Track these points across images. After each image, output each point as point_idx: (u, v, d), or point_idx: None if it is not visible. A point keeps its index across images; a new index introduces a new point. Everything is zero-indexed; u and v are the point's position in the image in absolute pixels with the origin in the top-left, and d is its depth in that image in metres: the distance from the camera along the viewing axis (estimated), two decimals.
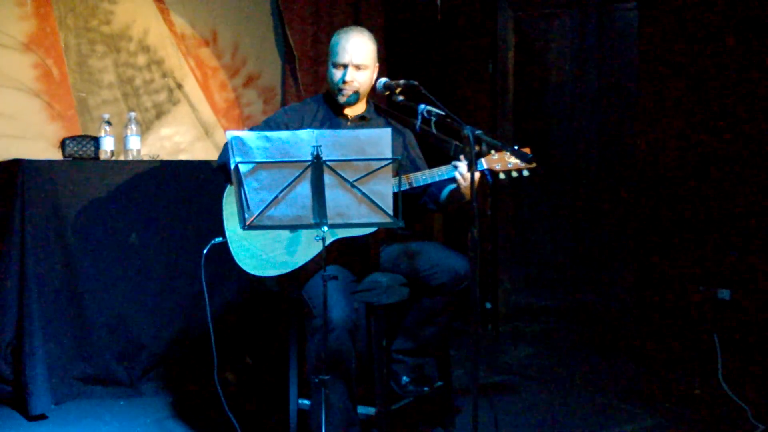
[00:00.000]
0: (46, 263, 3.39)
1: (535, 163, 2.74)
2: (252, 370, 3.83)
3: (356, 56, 2.92)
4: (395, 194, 2.36)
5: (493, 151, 2.80)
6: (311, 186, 2.34)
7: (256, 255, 2.84)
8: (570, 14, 4.86)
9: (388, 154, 2.31)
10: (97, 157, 3.66)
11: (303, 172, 2.32)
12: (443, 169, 2.83)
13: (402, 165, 2.96)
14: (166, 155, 4.11)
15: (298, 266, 2.80)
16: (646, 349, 4.29)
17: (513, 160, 2.80)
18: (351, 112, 3.05)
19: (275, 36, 4.62)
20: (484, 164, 2.81)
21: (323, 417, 2.53)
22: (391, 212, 2.36)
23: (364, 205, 2.36)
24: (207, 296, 2.97)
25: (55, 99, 3.82)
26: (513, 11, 4.94)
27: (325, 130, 2.31)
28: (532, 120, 4.96)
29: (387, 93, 2.92)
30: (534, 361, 4.31)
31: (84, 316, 3.49)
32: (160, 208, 3.68)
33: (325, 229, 2.36)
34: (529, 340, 4.73)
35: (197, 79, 4.32)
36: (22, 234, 3.32)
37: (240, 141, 2.30)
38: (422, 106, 2.81)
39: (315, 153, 2.29)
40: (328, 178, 2.32)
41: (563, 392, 3.74)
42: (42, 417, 3.29)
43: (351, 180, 2.32)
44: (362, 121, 3.05)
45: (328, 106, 3.05)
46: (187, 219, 3.73)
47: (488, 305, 4.95)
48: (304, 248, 2.81)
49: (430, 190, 2.98)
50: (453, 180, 2.80)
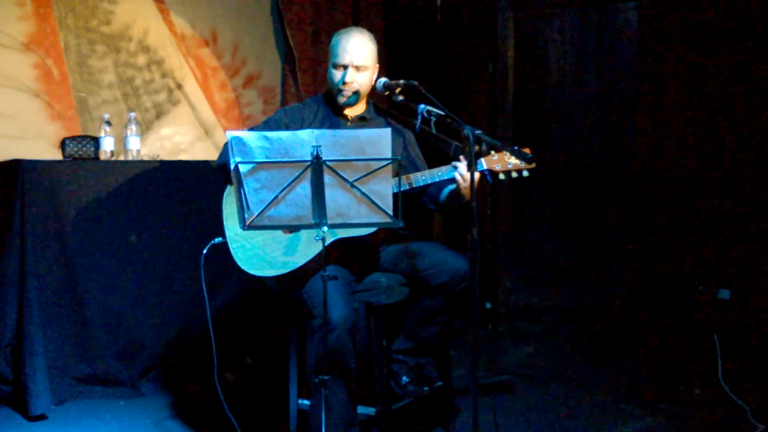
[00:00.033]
0: (46, 263, 3.39)
1: (535, 163, 2.74)
2: (252, 370, 3.83)
3: (356, 57, 2.92)
4: (395, 194, 2.36)
5: (493, 151, 2.80)
6: (311, 186, 2.34)
7: (256, 255, 2.84)
8: (570, 14, 4.86)
9: (388, 154, 2.31)
10: (97, 158, 3.66)
11: (303, 172, 2.32)
12: (443, 169, 2.83)
13: (402, 165, 2.96)
14: (166, 155, 4.11)
15: (298, 266, 2.80)
16: (646, 349, 4.29)
17: (513, 161, 2.80)
18: (351, 113, 3.05)
19: (275, 36, 4.61)
20: (484, 165, 2.81)
21: (323, 417, 2.53)
22: (390, 212, 2.36)
23: (363, 205, 2.35)
24: (207, 296, 2.97)
25: (55, 99, 3.82)
26: (513, 11, 4.94)
27: (324, 130, 2.31)
28: (532, 120, 4.96)
29: (387, 93, 2.92)
30: (534, 361, 4.31)
31: (84, 316, 3.49)
32: (160, 208, 3.68)
33: (325, 229, 2.36)
34: (529, 340, 4.72)
35: (197, 79, 4.32)
36: (22, 234, 3.32)
37: (240, 141, 2.30)
38: (422, 106, 2.81)
39: (315, 153, 2.29)
40: (328, 178, 2.32)
41: (563, 392, 3.74)
42: (42, 417, 3.29)
43: (351, 180, 2.32)
44: (362, 122, 3.05)
45: (328, 107, 3.05)
46: (187, 219, 3.73)
47: (488, 305, 4.95)
48: (304, 248, 2.81)
49: (429, 190, 2.98)
50: (453, 180, 2.80)
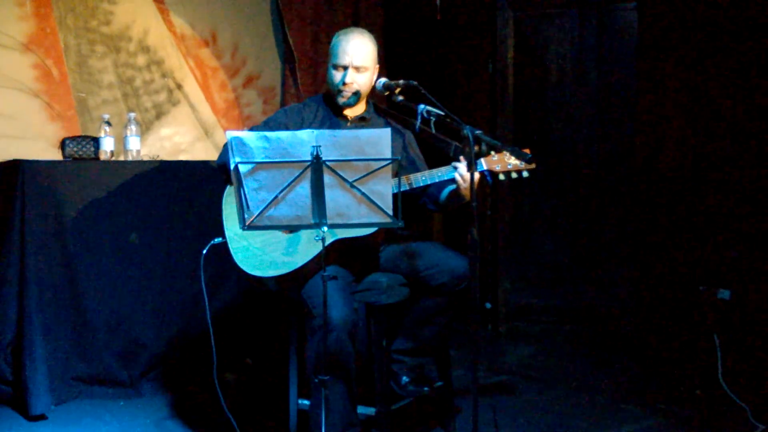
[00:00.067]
0: (46, 263, 3.39)
1: (535, 164, 2.74)
2: (252, 370, 3.83)
3: (357, 58, 2.92)
4: (395, 195, 2.36)
5: (493, 152, 2.80)
6: (311, 186, 2.33)
7: (255, 255, 2.84)
8: (570, 14, 4.86)
9: (388, 155, 2.31)
10: (97, 158, 3.66)
11: (303, 172, 2.32)
12: (443, 170, 2.83)
13: (402, 165, 2.96)
14: (166, 155, 4.11)
15: (297, 266, 2.80)
16: (646, 349, 4.29)
17: (513, 161, 2.80)
18: (351, 113, 3.05)
19: (275, 36, 4.61)
20: (484, 165, 2.81)
21: (323, 417, 2.53)
22: (390, 212, 2.36)
23: (363, 205, 2.35)
24: (206, 296, 2.97)
25: (54, 99, 3.82)
26: (513, 11, 4.94)
27: (324, 131, 2.31)
28: (532, 120, 4.96)
29: (386, 93, 2.92)
30: (534, 361, 4.31)
31: (84, 316, 3.49)
32: (160, 208, 3.68)
33: (325, 229, 2.36)
34: (529, 340, 4.73)
35: (197, 79, 4.32)
36: (22, 234, 3.32)
37: (239, 141, 2.30)
38: (422, 106, 2.81)
39: (315, 153, 2.29)
40: (328, 178, 2.32)
41: (563, 392, 3.74)
42: (42, 417, 3.29)
43: (351, 180, 2.32)
44: (362, 122, 3.05)
45: (327, 107, 3.05)
46: (187, 219, 3.73)
47: (488, 305, 4.95)
48: (304, 248, 2.81)
49: (429, 191, 2.98)
50: (453, 181, 2.79)
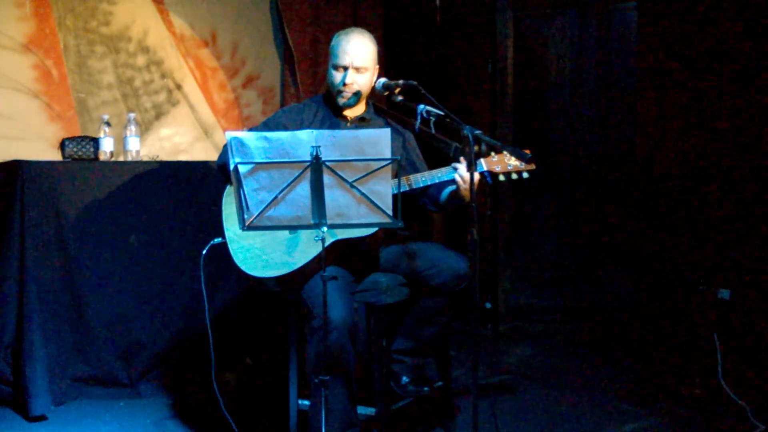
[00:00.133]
0: (46, 264, 3.39)
1: (535, 164, 2.74)
2: (252, 371, 3.83)
3: (357, 58, 2.92)
4: (395, 195, 2.35)
5: (493, 153, 2.79)
6: (310, 186, 2.33)
7: (255, 256, 2.83)
8: (570, 14, 4.86)
9: (388, 155, 2.31)
10: (96, 158, 3.66)
11: (302, 172, 2.31)
12: (443, 170, 2.83)
13: (401, 166, 2.96)
14: (166, 156, 4.11)
15: (297, 267, 2.80)
16: (646, 349, 4.29)
17: (513, 162, 2.80)
18: (351, 113, 3.04)
19: (275, 36, 4.61)
20: (484, 166, 2.81)
21: (323, 417, 2.53)
22: (390, 212, 2.36)
23: (363, 205, 2.35)
24: (206, 297, 2.97)
25: (54, 100, 3.82)
26: (513, 11, 4.94)
27: (324, 131, 2.31)
28: (532, 120, 4.96)
29: (386, 93, 2.91)
30: (534, 361, 4.31)
31: (84, 316, 3.49)
32: (160, 209, 3.68)
33: (325, 229, 2.36)
34: (529, 340, 4.72)
35: (196, 79, 4.32)
36: (21, 235, 3.32)
37: (239, 142, 2.30)
38: (421, 106, 2.80)
39: (314, 153, 2.29)
40: (328, 178, 2.32)
41: (563, 392, 3.74)
42: (42, 418, 3.29)
43: (350, 180, 2.32)
44: (362, 122, 3.04)
45: (327, 107, 3.05)
46: (187, 219, 3.73)
47: (488, 305, 4.95)
48: (304, 249, 2.81)
49: (429, 191, 2.97)
50: (453, 181, 2.79)
